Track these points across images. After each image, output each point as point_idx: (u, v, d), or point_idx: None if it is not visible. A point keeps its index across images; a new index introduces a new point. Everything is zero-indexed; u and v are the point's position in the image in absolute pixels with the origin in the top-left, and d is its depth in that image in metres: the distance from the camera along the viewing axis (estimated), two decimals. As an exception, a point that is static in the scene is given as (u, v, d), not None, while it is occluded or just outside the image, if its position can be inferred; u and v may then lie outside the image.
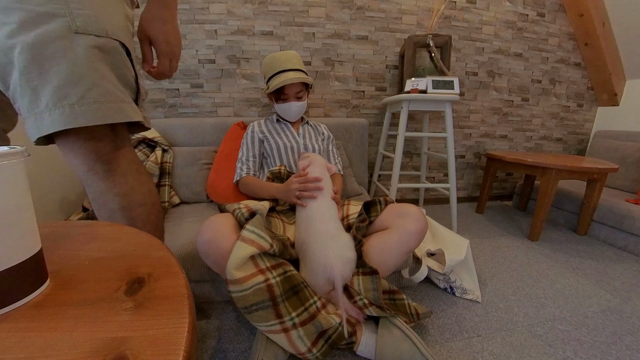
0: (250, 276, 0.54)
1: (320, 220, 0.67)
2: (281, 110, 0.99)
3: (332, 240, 0.63)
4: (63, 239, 0.35)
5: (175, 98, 1.35)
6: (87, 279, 0.27)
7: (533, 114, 1.79)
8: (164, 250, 0.33)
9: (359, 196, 1.18)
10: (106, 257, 0.31)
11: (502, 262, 1.12)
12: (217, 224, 0.59)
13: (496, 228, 1.47)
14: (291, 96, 0.96)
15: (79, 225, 0.39)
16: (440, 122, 1.66)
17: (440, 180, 1.79)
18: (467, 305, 0.85)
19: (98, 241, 0.34)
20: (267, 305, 0.54)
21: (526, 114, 1.79)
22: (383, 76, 1.51)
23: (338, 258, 0.61)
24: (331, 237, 0.64)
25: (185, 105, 1.37)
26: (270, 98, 1.02)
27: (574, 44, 1.71)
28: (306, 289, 0.60)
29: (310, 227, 0.66)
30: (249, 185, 0.91)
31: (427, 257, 0.93)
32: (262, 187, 0.87)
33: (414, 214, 0.70)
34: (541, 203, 1.27)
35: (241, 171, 0.95)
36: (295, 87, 0.95)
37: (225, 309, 0.82)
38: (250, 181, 0.91)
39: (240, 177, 0.94)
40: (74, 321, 0.22)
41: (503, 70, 1.66)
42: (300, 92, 0.96)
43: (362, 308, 0.62)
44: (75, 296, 0.25)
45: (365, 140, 1.36)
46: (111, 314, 0.23)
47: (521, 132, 1.82)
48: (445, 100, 1.20)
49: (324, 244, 0.62)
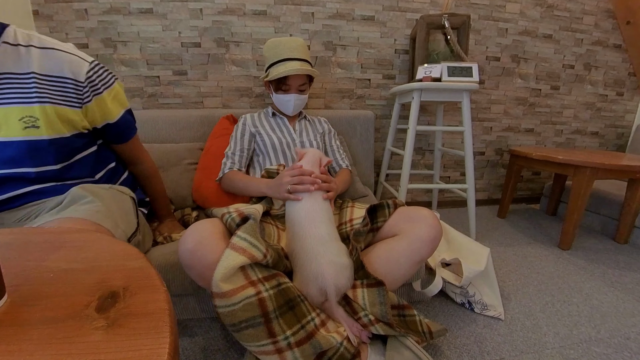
0: (239, 289, 0.54)
1: (309, 224, 0.67)
2: (279, 101, 1.00)
3: (323, 245, 0.64)
4: (24, 247, 0.35)
5: (155, 87, 1.35)
6: (52, 294, 0.27)
7: (564, 104, 1.79)
8: (141, 259, 0.33)
9: (363, 198, 1.18)
10: (74, 268, 0.31)
11: (529, 273, 1.11)
12: (202, 231, 0.59)
13: (521, 235, 1.46)
14: (293, 88, 0.96)
15: (43, 232, 0.39)
16: (456, 115, 1.66)
17: (457, 180, 1.78)
18: (488, 323, 0.85)
19: (65, 250, 0.34)
20: (258, 323, 0.54)
21: (556, 105, 1.78)
22: (391, 62, 1.51)
23: (330, 264, 0.61)
24: (322, 242, 0.64)
25: (167, 95, 1.37)
26: (268, 86, 1.02)
27: (613, 22, 1.70)
28: (303, 303, 0.60)
29: (299, 232, 0.67)
30: (234, 181, 0.91)
31: (441, 268, 0.93)
32: (249, 183, 0.87)
33: (427, 219, 0.69)
34: (574, 206, 1.26)
35: (225, 166, 0.95)
36: (300, 78, 0.95)
37: (211, 326, 0.82)
38: (235, 177, 0.91)
39: (224, 173, 0.94)
40: (36, 343, 0.22)
41: (530, 55, 1.65)
42: (303, 84, 0.97)
43: (367, 325, 0.61)
44: (38, 314, 0.25)
45: (371, 135, 1.36)
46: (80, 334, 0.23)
47: (550, 125, 1.82)
48: (463, 89, 1.20)
49: (313, 250, 0.62)
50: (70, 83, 0.59)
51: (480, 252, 0.91)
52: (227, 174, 0.94)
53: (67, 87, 0.59)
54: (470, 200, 1.30)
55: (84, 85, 0.60)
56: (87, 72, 0.60)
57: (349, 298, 0.64)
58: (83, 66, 0.60)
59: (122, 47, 1.29)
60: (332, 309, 0.61)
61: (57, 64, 0.58)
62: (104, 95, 0.64)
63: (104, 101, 0.64)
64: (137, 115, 0.78)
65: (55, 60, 0.58)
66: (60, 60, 0.58)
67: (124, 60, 1.30)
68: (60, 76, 0.58)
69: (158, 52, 1.31)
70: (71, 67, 0.59)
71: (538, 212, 1.82)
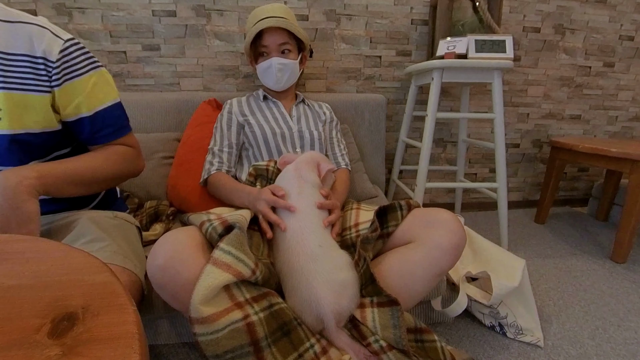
0: (223, 312, 0.53)
1: (297, 236, 0.66)
2: (261, 73, 1.01)
3: (315, 262, 0.63)
4: (-37, 260, 0.35)
5: (121, 64, 1.35)
6: (-4, 315, 0.27)
7: (620, 85, 1.78)
8: (105, 273, 0.33)
9: (372, 199, 1.18)
10: (22, 284, 0.31)
11: (574, 291, 1.11)
12: (176, 243, 0.58)
13: (564, 244, 1.46)
14: (273, 49, 0.97)
15: (-14, 240, 0.39)
16: (485, 99, 1.65)
17: (485, 178, 1.78)
18: (523, 351, 0.85)
19: (11, 262, 0.34)
20: (246, 352, 0.54)
21: (610, 86, 1.77)
22: (407, 35, 1.50)
23: (325, 284, 0.61)
24: (313, 258, 0.63)
25: (136, 75, 1.37)
26: (251, 61, 1.05)
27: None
28: (300, 327, 0.60)
29: (284, 248, 0.66)
30: (219, 187, 0.91)
31: (466, 283, 0.93)
32: (232, 190, 0.86)
33: (447, 223, 0.69)
34: (631, 210, 1.26)
35: (210, 166, 0.95)
36: (278, 36, 0.96)
37: (190, 354, 0.82)
38: (221, 181, 0.91)
39: (209, 175, 0.94)
40: (-24, 375, 0.22)
41: (577, 24, 1.64)
42: (285, 44, 0.98)
43: (378, 353, 0.62)
44: (-23, 341, 0.25)
45: (381, 124, 1.36)
46: (29, 363, 0.23)
47: (602, 110, 1.81)
48: (494, 67, 1.19)
49: (302, 270, 0.62)
50: (41, 63, 0.58)
51: (513, 265, 0.90)
52: (213, 175, 0.94)
53: (38, 69, 0.58)
54: (502, 202, 1.30)
55: (56, 66, 0.59)
56: (60, 51, 0.59)
57: (357, 320, 0.64)
58: (55, 43, 0.59)
59: (79, 15, 1.28)
60: (333, 337, 0.61)
61: (26, 40, 0.57)
62: (81, 80, 0.62)
63: (79, 87, 0.62)
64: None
65: (24, 36, 0.57)
66: (29, 35, 0.57)
67: (81, 32, 1.30)
68: (31, 55, 0.57)
69: (124, 21, 1.31)
70: (42, 44, 0.57)
71: (585, 216, 1.81)
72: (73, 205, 0.69)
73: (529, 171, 1.85)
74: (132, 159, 0.73)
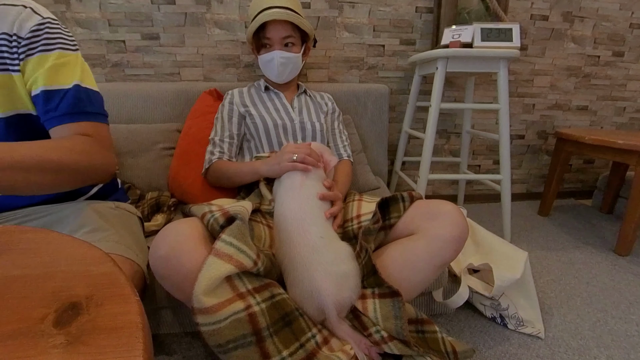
0: (225, 303, 0.54)
1: (298, 228, 0.67)
2: (263, 64, 1.01)
3: (316, 253, 0.63)
4: (-34, 250, 0.35)
5: (121, 54, 1.34)
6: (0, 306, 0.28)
7: (629, 74, 1.75)
8: (108, 263, 0.33)
9: (374, 191, 1.18)
10: (27, 274, 0.31)
11: (576, 284, 1.12)
12: (178, 234, 0.59)
13: (568, 236, 1.46)
14: (276, 42, 0.96)
15: (-10, 231, 0.40)
16: (490, 89, 1.64)
17: (489, 169, 1.77)
18: (524, 342, 0.85)
19: (15, 253, 0.35)
20: (249, 342, 0.54)
21: (619, 76, 1.75)
22: (411, 24, 1.48)
23: (326, 276, 0.61)
24: (314, 249, 0.64)
25: (135, 65, 1.36)
26: (254, 50, 1.04)
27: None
28: (302, 317, 0.61)
29: (285, 240, 0.67)
30: (223, 171, 0.91)
31: (468, 275, 0.93)
32: (240, 168, 0.88)
33: (450, 214, 0.69)
34: (636, 203, 1.25)
35: (211, 156, 0.96)
36: (282, 29, 0.95)
37: (193, 343, 0.84)
38: (223, 166, 0.92)
39: (210, 164, 0.95)
40: (-19, 364, 0.22)
41: (587, 12, 1.61)
42: (289, 37, 0.97)
43: (379, 343, 0.62)
44: (-17, 330, 0.25)
45: (384, 115, 1.35)
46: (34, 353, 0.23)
47: (610, 101, 1.79)
48: (500, 57, 1.18)
49: (304, 262, 0.62)
50: (14, 40, 0.56)
51: (515, 257, 0.91)
52: (214, 164, 0.94)
53: (12, 47, 0.56)
54: (505, 194, 1.30)
55: (25, 42, 0.56)
56: (33, 28, 0.56)
57: (358, 311, 0.65)
58: (32, 19, 0.57)
59: (77, 4, 1.27)
60: (334, 327, 0.62)
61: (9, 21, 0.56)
62: (46, 56, 0.58)
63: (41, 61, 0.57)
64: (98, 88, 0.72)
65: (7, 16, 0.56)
66: (13, 15, 0.56)
67: (79, 20, 1.29)
68: (7, 33, 0.55)
69: (122, 9, 1.29)
70: (18, 21, 0.56)
71: (590, 209, 1.81)
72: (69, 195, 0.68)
73: (534, 163, 1.84)
74: (91, 151, 0.58)
